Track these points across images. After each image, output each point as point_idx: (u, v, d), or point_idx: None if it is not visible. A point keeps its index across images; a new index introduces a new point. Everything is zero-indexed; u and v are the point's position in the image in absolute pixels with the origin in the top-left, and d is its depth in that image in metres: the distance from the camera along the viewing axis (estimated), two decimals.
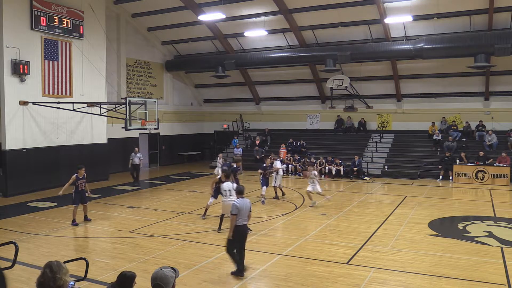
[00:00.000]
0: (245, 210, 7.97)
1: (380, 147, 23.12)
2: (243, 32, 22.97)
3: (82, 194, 12.07)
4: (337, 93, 24.30)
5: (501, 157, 19.13)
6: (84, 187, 12.13)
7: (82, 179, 12.00)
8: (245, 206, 7.99)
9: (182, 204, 14.83)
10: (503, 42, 17.59)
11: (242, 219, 7.92)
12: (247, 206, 8.04)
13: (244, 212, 7.94)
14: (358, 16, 20.60)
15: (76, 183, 11.90)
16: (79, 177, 11.93)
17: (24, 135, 17.07)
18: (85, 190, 12.15)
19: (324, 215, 12.90)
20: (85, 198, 12.21)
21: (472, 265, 8.37)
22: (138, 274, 8.03)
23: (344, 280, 7.64)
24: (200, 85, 29.63)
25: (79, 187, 11.95)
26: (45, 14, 17.49)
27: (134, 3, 22.59)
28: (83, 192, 12.09)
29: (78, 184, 11.93)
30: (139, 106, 17.23)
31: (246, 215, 8.01)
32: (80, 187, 11.98)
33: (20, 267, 8.00)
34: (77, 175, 11.93)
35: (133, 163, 19.26)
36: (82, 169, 12.03)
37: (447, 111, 23.06)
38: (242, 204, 7.95)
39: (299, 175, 21.91)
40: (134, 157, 19.31)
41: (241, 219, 7.90)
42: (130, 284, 4.18)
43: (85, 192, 12.17)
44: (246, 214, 8.00)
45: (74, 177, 11.90)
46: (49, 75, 17.90)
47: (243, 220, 7.94)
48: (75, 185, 11.92)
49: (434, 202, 15.13)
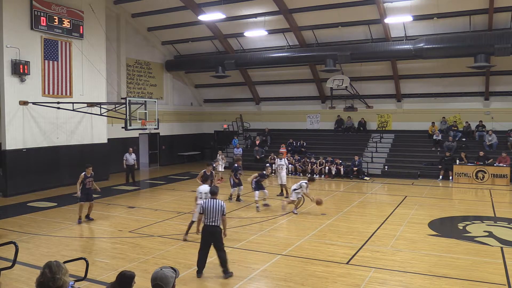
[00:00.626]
0: (213, 211, 7.77)
1: (380, 147, 23.12)
2: (243, 32, 22.97)
3: (88, 192, 12.28)
4: (337, 93, 24.30)
5: (501, 157, 19.12)
6: (91, 185, 12.40)
7: (89, 177, 12.33)
8: (214, 208, 7.80)
9: (182, 204, 14.82)
10: (503, 42, 17.58)
11: (210, 220, 7.76)
12: (217, 208, 7.81)
13: (212, 213, 7.76)
14: (358, 16, 20.60)
15: (84, 181, 12.20)
16: (87, 175, 12.27)
17: (24, 135, 17.07)
18: (92, 188, 12.42)
19: (324, 215, 12.90)
20: (91, 196, 12.39)
21: (472, 265, 8.37)
22: (138, 274, 8.03)
23: (344, 280, 7.64)
24: (200, 85, 29.63)
25: (86, 185, 12.23)
26: (45, 14, 17.49)
27: (134, 3, 22.59)
28: (89, 190, 12.33)
29: (85, 182, 12.23)
30: (139, 106, 17.22)
31: (215, 216, 7.77)
32: (87, 185, 12.26)
33: (20, 267, 8.00)
34: (85, 173, 12.26)
35: (127, 164, 19.17)
36: (90, 168, 12.39)
37: (447, 111, 23.06)
38: (209, 205, 7.83)
39: (299, 175, 21.91)
40: (129, 158, 19.20)
41: (208, 219, 7.77)
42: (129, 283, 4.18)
43: (92, 190, 12.41)
44: (215, 215, 7.77)
45: (82, 176, 12.24)
46: (49, 75, 17.90)
47: (211, 221, 7.76)
48: (82, 183, 12.19)
49: (434, 202, 15.12)
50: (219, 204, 7.90)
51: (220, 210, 7.84)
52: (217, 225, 7.84)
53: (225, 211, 7.97)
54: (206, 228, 7.85)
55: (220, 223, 7.90)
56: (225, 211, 7.96)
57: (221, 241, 7.88)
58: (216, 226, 7.83)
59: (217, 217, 7.80)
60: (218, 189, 8.60)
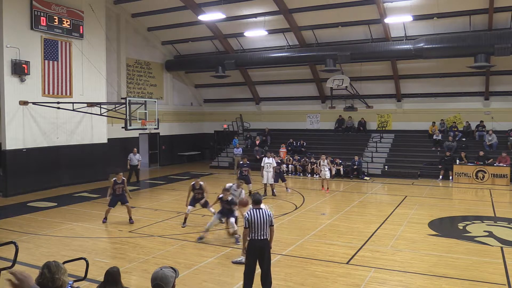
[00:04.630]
0: (261, 223, 6.75)
1: (380, 147, 23.11)
2: (243, 32, 22.97)
3: (120, 197, 12.08)
4: (337, 93, 24.29)
5: (501, 157, 19.13)
6: (122, 191, 12.11)
7: (120, 183, 12.05)
8: (261, 219, 6.77)
9: (182, 204, 14.76)
10: (503, 42, 17.58)
11: (258, 234, 6.75)
12: (264, 219, 6.79)
13: (259, 225, 6.75)
14: (358, 16, 20.59)
15: (114, 187, 11.98)
16: (117, 181, 12.03)
17: (24, 135, 17.06)
18: (124, 192, 12.18)
19: (324, 215, 12.89)
20: (124, 199, 12.17)
21: (472, 265, 8.37)
22: (138, 274, 8.09)
23: (344, 280, 7.64)
24: (200, 85, 29.62)
25: (116, 191, 11.99)
26: (45, 14, 17.49)
27: (134, 3, 22.58)
28: (121, 196, 12.09)
29: (115, 189, 11.98)
30: (139, 106, 17.22)
31: (264, 229, 6.78)
32: (117, 191, 12.01)
33: (20, 267, 8.00)
34: (115, 179, 12.08)
35: (131, 164, 19.31)
36: (120, 174, 12.21)
37: (447, 111, 23.07)
38: (255, 216, 6.76)
39: (299, 174, 21.91)
40: (133, 158, 19.39)
41: (255, 233, 6.75)
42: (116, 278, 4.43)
43: (124, 194, 12.17)
44: (264, 227, 6.77)
45: (112, 182, 12.08)
46: (49, 75, 17.90)
47: (259, 235, 6.75)
48: (113, 189, 11.99)
49: (434, 202, 15.12)
50: (267, 214, 6.88)
51: (268, 220, 6.85)
52: (266, 238, 6.85)
53: (273, 221, 6.99)
54: (253, 243, 6.78)
55: (268, 235, 6.89)
56: (273, 221, 6.99)
57: (270, 258, 6.95)
58: (265, 239, 6.83)
59: (266, 229, 6.83)
60: (262, 196, 7.87)
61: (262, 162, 16.71)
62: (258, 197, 7.18)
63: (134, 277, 7.98)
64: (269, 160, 16.44)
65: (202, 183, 11.73)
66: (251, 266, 6.83)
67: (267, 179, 16.14)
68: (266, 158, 16.66)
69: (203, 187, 11.71)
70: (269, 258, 6.91)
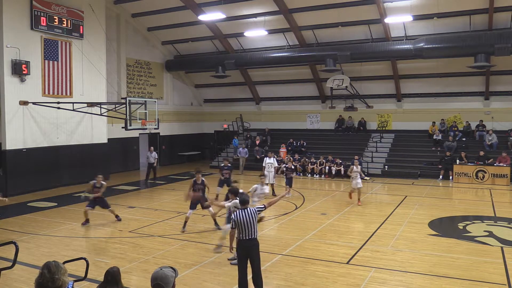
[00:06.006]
0: (248, 223, 6.71)
1: (380, 147, 23.11)
2: (243, 32, 22.96)
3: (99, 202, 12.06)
4: (337, 93, 24.29)
5: (501, 157, 19.12)
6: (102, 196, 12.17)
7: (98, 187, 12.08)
8: (247, 219, 6.73)
9: (182, 204, 14.78)
10: (503, 42, 17.58)
11: (245, 234, 6.72)
12: (251, 218, 6.75)
13: (246, 225, 6.70)
14: (358, 16, 20.59)
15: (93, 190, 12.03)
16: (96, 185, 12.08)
17: (24, 135, 17.06)
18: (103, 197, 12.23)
19: (324, 215, 12.90)
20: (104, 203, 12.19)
21: (472, 265, 8.37)
22: (138, 274, 8.08)
23: (344, 280, 7.63)
24: (200, 85, 29.62)
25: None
26: (45, 14, 17.49)
27: (134, 3, 22.58)
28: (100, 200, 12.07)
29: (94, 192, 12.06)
30: (139, 106, 17.23)
31: (251, 228, 6.73)
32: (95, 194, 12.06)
33: (20, 267, 8.00)
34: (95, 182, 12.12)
35: (148, 162, 20.00)
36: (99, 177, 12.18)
37: (447, 111, 23.06)
38: (241, 217, 6.74)
39: (299, 174, 21.91)
40: (150, 156, 20.05)
41: (243, 234, 6.73)
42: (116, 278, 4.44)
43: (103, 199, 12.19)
44: (251, 227, 6.72)
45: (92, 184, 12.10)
46: (49, 75, 17.90)
47: (246, 235, 6.72)
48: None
49: (434, 202, 15.12)
50: (253, 213, 6.82)
51: (254, 218, 6.79)
52: (254, 237, 6.80)
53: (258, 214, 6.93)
54: (241, 243, 6.78)
55: (257, 234, 6.87)
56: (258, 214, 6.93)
57: (259, 257, 6.85)
58: (252, 239, 6.78)
59: (253, 228, 6.78)
60: (249, 197, 7.84)
61: (264, 162, 16.85)
62: (244, 197, 7.20)
63: (134, 277, 7.99)
64: (270, 160, 16.54)
65: (204, 179, 11.74)
66: (242, 267, 6.85)
67: (269, 179, 16.19)
68: (268, 158, 16.79)
69: (205, 183, 11.67)
70: (259, 257, 6.89)
